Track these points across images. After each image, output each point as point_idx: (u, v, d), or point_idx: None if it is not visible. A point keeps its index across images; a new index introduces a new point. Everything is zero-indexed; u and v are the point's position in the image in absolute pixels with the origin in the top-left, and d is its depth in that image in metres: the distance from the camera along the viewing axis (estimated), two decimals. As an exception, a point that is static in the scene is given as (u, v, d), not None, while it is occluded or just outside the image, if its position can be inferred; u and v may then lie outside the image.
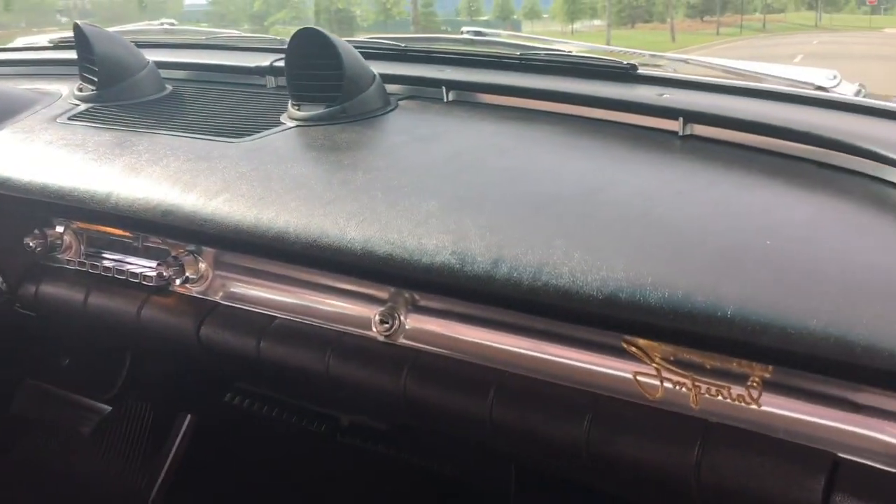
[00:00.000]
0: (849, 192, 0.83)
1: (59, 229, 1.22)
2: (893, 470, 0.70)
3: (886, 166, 0.84)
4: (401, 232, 0.85)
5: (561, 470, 1.03)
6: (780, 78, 1.14)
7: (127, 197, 1.02)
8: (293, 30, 1.17)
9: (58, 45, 1.71)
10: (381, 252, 0.85)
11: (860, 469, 0.71)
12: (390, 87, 1.23)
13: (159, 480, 1.75)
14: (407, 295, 0.98)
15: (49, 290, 1.22)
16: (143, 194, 1.02)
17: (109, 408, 1.80)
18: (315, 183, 0.97)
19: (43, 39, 1.80)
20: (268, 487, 1.65)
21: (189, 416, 1.77)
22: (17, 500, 1.85)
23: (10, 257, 1.24)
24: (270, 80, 1.37)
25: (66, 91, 1.42)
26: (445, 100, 1.22)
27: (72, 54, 1.62)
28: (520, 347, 0.90)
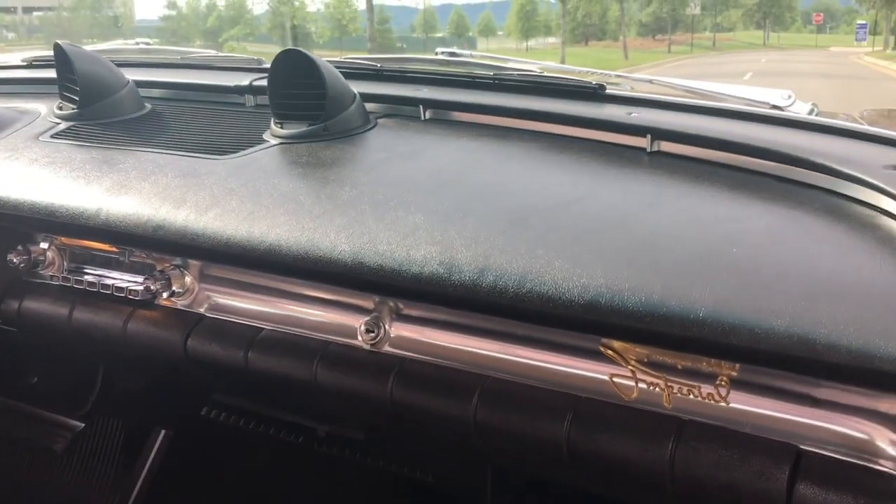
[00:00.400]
0: (806, 204, 0.90)
1: (43, 245, 1.23)
2: (851, 459, 0.76)
3: (839, 180, 0.91)
4: (389, 243, 0.90)
5: (541, 469, 1.08)
6: (738, 98, 1.22)
7: (118, 213, 1.05)
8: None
9: (32, 64, 1.72)
10: (371, 263, 0.89)
11: (821, 459, 0.77)
12: (369, 106, 1.28)
13: (133, 496, 1.76)
14: (392, 304, 1.02)
15: (32, 305, 1.24)
16: (134, 210, 1.05)
17: (82, 424, 1.80)
18: (303, 197, 1.01)
19: (15, 58, 1.81)
20: (245, 500, 1.67)
21: (163, 431, 1.78)
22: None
23: None
24: (250, 99, 1.41)
25: (45, 109, 1.44)
26: (423, 118, 1.27)
27: (47, 73, 1.64)
28: (501, 353, 0.95)
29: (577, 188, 0.99)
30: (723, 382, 0.83)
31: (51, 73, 1.54)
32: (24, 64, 1.74)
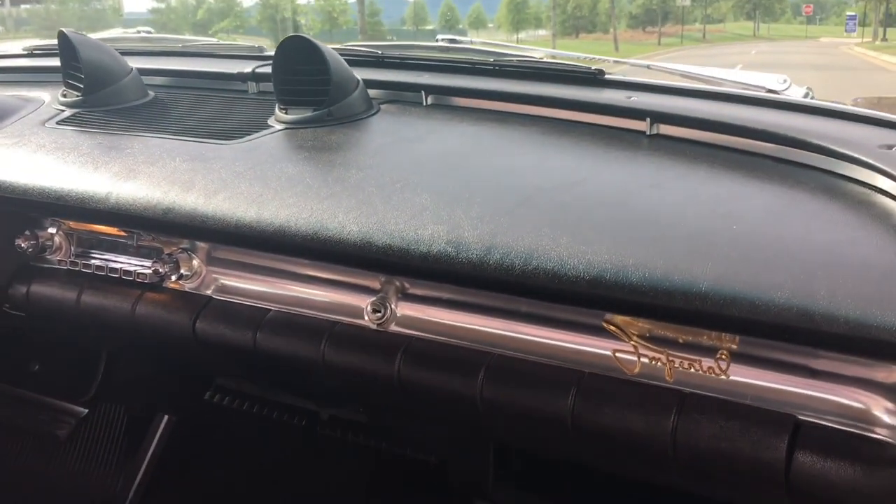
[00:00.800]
0: (803, 183, 0.92)
1: (51, 230, 1.25)
2: (848, 428, 0.79)
3: (835, 160, 0.94)
4: (397, 224, 0.92)
5: (545, 445, 1.11)
6: (735, 82, 1.24)
7: (127, 196, 1.07)
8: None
9: (33, 53, 1.73)
10: (379, 243, 0.91)
11: (819, 429, 0.80)
12: (371, 92, 1.30)
13: (136, 482, 1.77)
14: (398, 283, 1.04)
15: (41, 290, 1.25)
16: (144, 193, 1.06)
17: (85, 410, 1.82)
18: (311, 180, 1.03)
19: (16, 47, 1.81)
20: (249, 483, 1.69)
21: (166, 416, 1.80)
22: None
23: (1, 258, 1.26)
24: (252, 86, 1.42)
25: (49, 97, 1.45)
26: (425, 104, 1.29)
27: (48, 62, 1.65)
28: (506, 330, 0.97)
29: (580, 170, 1.01)
30: (723, 356, 0.85)
31: (52, 62, 1.56)
32: (26, 53, 1.75)
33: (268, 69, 1.35)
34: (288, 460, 1.64)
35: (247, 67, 1.42)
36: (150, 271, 1.15)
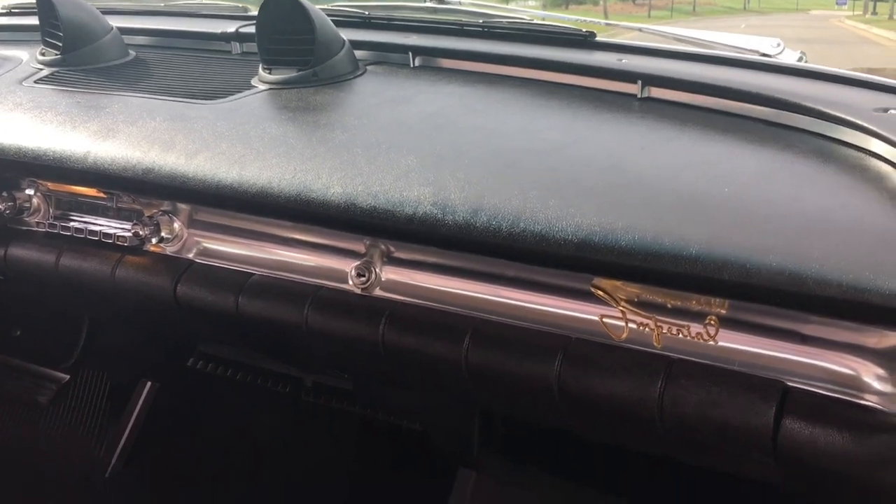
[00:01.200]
0: (796, 146, 0.91)
1: (29, 191, 1.22)
2: (837, 394, 0.78)
3: (829, 123, 0.92)
4: (382, 185, 0.90)
5: (531, 412, 1.10)
6: (728, 45, 1.22)
7: (106, 156, 1.04)
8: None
9: (11, 11, 1.69)
10: (363, 204, 0.89)
11: (808, 395, 0.79)
12: (357, 53, 1.27)
13: (119, 448, 1.76)
14: (383, 247, 1.02)
15: (18, 252, 1.23)
16: (123, 153, 1.03)
17: (67, 377, 1.80)
18: (295, 141, 1.00)
19: (-7, 5, 1.77)
20: (231, 449, 1.68)
21: (149, 383, 1.78)
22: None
23: None
24: (236, 46, 1.39)
25: (27, 56, 1.41)
26: (412, 65, 1.26)
27: (28, 20, 1.61)
28: (493, 294, 0.96)
29: (570, 133, 0.99)
30: (712, 322, 0.84)
31: (32, 20, 1.52)
32: (4, 11, 1.71)
33: (252, 29, 1.32)
34: (271, 427, 1.63)
35: (230, 27, 1.39)
36: (130, 234, 1.13)
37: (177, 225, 1.15)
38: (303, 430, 1.57)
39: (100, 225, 1.18)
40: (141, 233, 1.12)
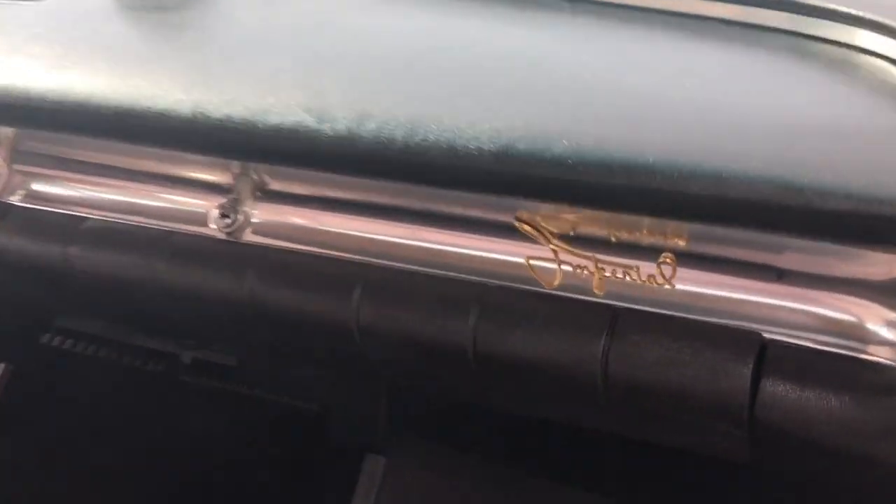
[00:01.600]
0: (767, 45, 0.73)
1: None
2: (830, 348, 0.61)
3: (802, 17, 0.74)
4: (240, 90, 0.68)
5: (443, 382, 0.90)
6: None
7: None
8: None
9: None
10: (216, 114, 0.67)
11: (793, 350, 0.61)
12: None
13: None
14: (255, 177, 0.81)
15: None
16: None
17: None
18: (132, 42, 0.78)
19: None
20: (102, 433, 1.44)
21: (2, 364, 1.52)
22: None
23: None
24: None
25: None
26: None
27: None
28: (390, 235, 0.75)
29: (485, 31, 0.79)
30: (667, 260, 0.65)
31: None
32: None
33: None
34: (146, 410, 1.39)
35: None
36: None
37: (-6, 160, 0.90)
38: (180, 413, 1.34)
39: None
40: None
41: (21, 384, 1.47)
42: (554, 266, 0.69)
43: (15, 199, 0.91)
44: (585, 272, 0.68)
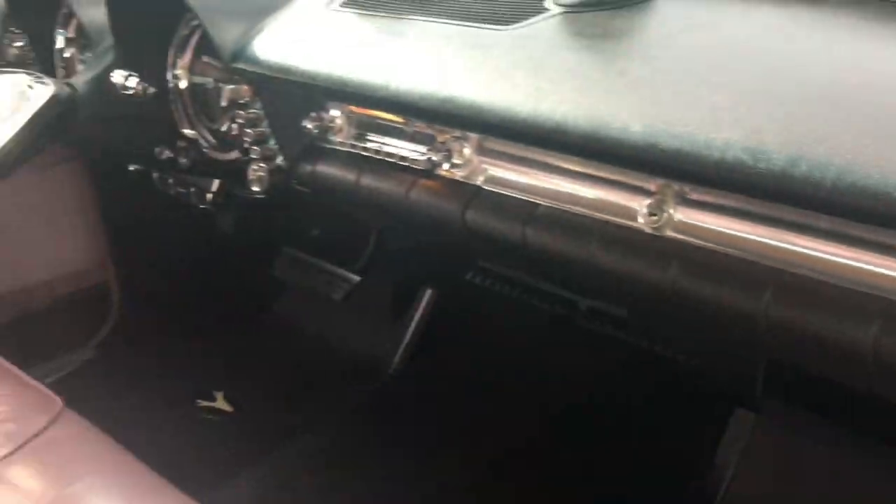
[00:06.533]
0: None
1: (334, 113, 1.30)
2: None
3: None
4: (687, 125, 0.84)
5: (837, 373, 1.01)
6: None
7: (406, 85, 1.07)
8: None
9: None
10: (666, 146, 0.84)
11: None
12: None
13: (401, 348, 1.90)
14: (677, 188, 0.97)
15: (324, 169, 1.32)
16: (421, 83, 1.06)
17: (358, 278, 1.96)
18: (592, 72, 0.97)
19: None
20: (503, 363, 1.74)
21: (430, 290, 1.89)
22: (274, 350, 2.09)
23: (290, 138, 1.35)
24: None
25: None
26: None
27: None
28: (802, 247, 0.87)
29: None
30: None
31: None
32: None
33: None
34: (543, 345, 1.66)
35: None
36: (424, 158, 1.17)
37: (467, 151, 1.16)
38: (573, 351, 1.58)
39: (396, 148, 1.23)
40: (434, 158, 1.15)
41: (445, 309, 1.83)
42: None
43: (479, 182, 1.17)
44: None
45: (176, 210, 1.84)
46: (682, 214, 0.96)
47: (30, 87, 1.36)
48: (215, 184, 1.69)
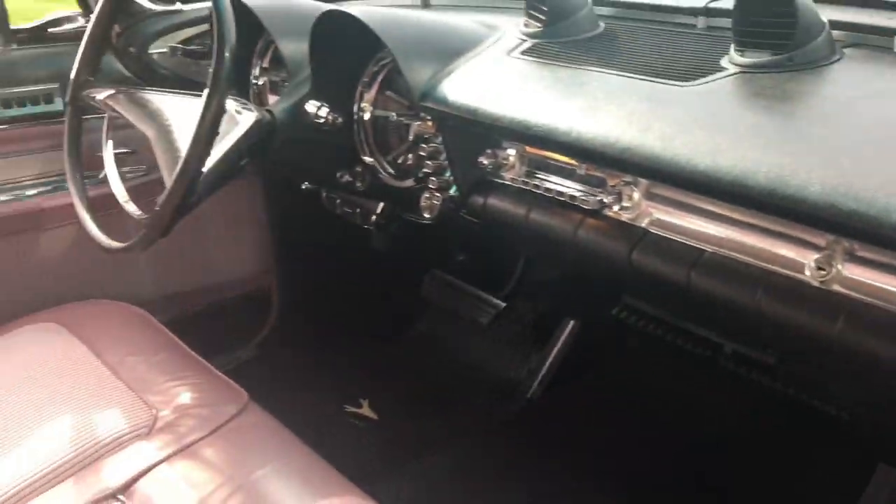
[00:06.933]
0: None
1: (510, 152, 1.40)
2: None
3: None
4: (867, 188, 0.89)
5: None
6: None
7: (588, 133, 1.17)
8: None
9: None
10: (844, 207, 0.90)
11: None
12: (833, 33, 1.23)
13: (540, 375, 1.99)
14: (846, 244, 1.01)
15: (495, 202, 1.43)
16: (603, 131, 1.15)
17: (503, 304, 2.06)
18: (770, 132, 1.03)
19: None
20: (641, 398, 1.80)
21: (572, 321, 1.96)
22: (417, 365, 2.21)
23: (466, 172, 1.46)
24: (701, 21, 1.43)
25: (508, 26, 1.60)
26: (895, 49, 1.20)
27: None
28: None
29: None
30: None
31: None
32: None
33: (722, 4, 1.35)
34: (682, 383, 1.70)
35: (697, 1, 1.43)
36: (595, 199, 1.25)
37: (636, 195, 1.24)
38: (718, 395, 1.62)
39: (566, 187, 1.32)
40: (605, 200, 1.24)
41: (587, 341, 1.90)
42: None
43: (644, 225, 1.24)
44: None
45: (335, 227, 2.00)
46: (849, 271, 1.01)
47: (238, 111, 1.53)
48: (380, 206, 1.83)
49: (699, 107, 1.13)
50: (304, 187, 1.95)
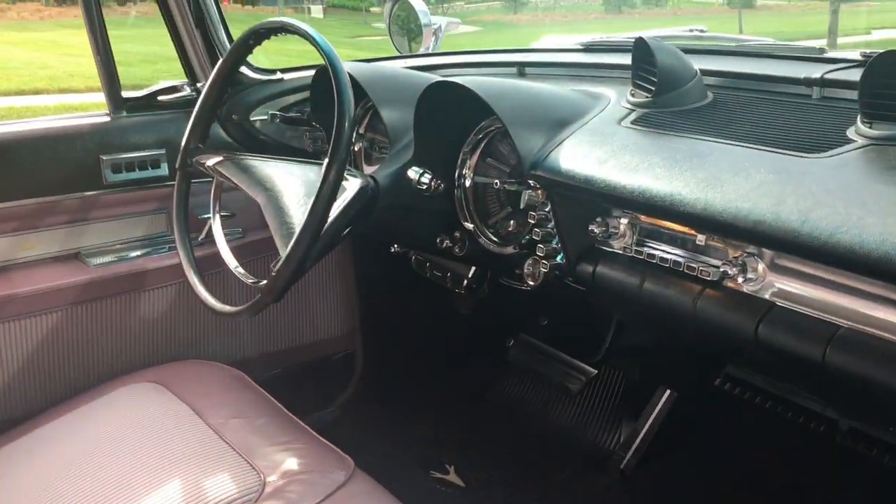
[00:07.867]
0: None
1: (622, 220, 1.39)
2: None
3: None
4: None
5: None
6: None
7: (716, 204, 1.15)
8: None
9: (589, 49, 1.93)
10: None
11: None
12: None
13: (634, 446, 1.93)
14: None
15: (605, 270, 1.41)
16: (733, 203, 1.14)
17: (595, 371, 2.02)
18: None
19: (569, 41, 2.03)
20: (747, 474, 1.73)
21: (668, 390, 1.91)
22: (503, 432, 2.17)
23: (574, 240, 1.45)
24: (816, 92, 1.41)
25: (613, 95, 1.60)
26: None
27: (603, 58, 1.82)
28: None
29: None
30: None
31: (607, 59, 1.71)
32: (582, 48, 1.95)
33: (839, 75, 1.34)
34: (794, 461, 1.64)
35: (816, 71, 1.41)
36: (717, 270, 1.23)
37: (760, 267, 1.21)
38: (831, 472, 1.56)
39: (682, 257, 1.30)
40: (729, 272, 1.22)
41: (685, 411, 1.85)
42: None
43: (768, 297, 1.21)
44: None
45: (420, 291, 2.00)
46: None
47: (345, 178, 1.55)
48: (471, 271, 1.83)
49: (832, 179, 1.11)
50: (392, 251, 1.97)
